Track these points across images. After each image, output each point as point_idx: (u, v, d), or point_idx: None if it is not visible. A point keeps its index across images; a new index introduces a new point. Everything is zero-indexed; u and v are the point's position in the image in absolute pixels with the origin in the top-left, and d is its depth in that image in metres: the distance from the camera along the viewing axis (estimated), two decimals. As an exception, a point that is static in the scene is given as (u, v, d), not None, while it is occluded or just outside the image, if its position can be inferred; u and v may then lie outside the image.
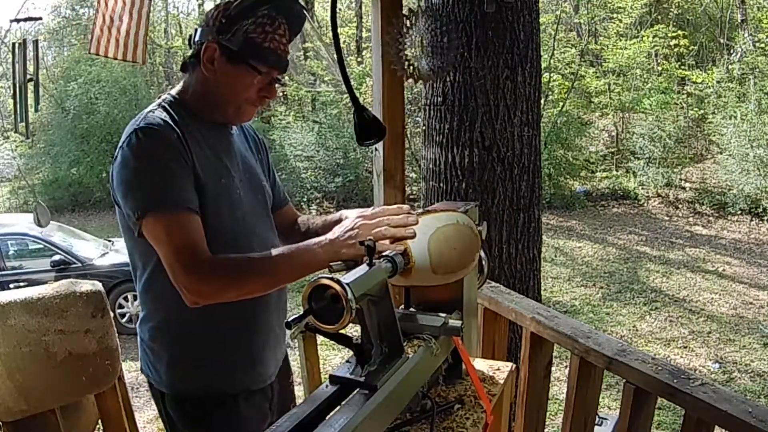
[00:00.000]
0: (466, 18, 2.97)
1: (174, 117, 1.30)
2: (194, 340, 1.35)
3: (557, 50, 13.35)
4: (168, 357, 1.36)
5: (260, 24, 1.30)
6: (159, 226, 1.19)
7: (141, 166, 1.21)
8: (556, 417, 4.21)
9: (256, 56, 1.30)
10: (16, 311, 1.56)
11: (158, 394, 1.40)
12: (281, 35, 1.32)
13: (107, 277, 6.51)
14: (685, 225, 11.03)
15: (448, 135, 3.10)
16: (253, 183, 1.44)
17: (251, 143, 1.53)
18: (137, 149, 1.21)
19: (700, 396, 1.40)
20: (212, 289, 1.19)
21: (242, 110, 1.37)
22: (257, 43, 1.29)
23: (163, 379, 1.37)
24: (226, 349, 1.37)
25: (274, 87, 1.37)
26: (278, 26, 1.32)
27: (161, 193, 1.20)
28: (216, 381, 1.37)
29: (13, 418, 1.56)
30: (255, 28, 1.29)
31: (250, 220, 1.38)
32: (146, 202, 1.19)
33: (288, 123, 13.57)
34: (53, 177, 14.94)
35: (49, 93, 14.70)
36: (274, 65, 1.33)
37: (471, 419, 1.24)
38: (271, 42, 1.30)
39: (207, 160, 1.31)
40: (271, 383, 1.48)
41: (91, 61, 14.87)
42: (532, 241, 3.21)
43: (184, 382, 1.37)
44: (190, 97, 1.35)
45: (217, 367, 1.37)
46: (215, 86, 1.33)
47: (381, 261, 1.11)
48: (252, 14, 1.29)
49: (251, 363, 1.41)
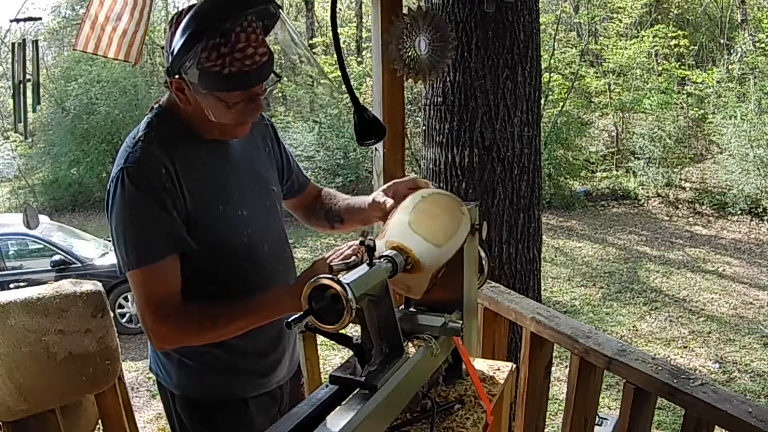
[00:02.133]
0: (466, 18, 2.97)
1: (165, 140, 1.22)
2: (206, 345, 1.32)
3: (557, 50, 13.36)
4: (179, 359, 1.35)
5: (213, 48, 1.10)
6: (137, 279, 1.22)
7: (126, 216, 1.20)
8: (556, 417, 4.21)
9: (220, 88, 1.14)
10: (16, 311, 1.56)
11: (168, 393, 1.39)
12: (244, 46, 1.11)
13: (107, 277, 6.49)
14: (685, 225, 11.03)
15: (448, 135, 3.10)
16: (260, 190, 1.38)
17: (257, 136, 1.43)
18: (122, 197, 1.19)
19: (700, 396, 1.40)
20: (178, 335, 1.24)
21: (231, 131, 1.26)
22: (216, 74, 1.11)
23: (174, 381, 1.37)
24: (238, 354, 1.35)
25: (259, 102, 1.21)
26: (237, 39, 1.10)
27: (142, 248, 1.20)
28: (228, 385, 1.37)
29: (13, 418, 1.56)
30: (208, 56, 1.10)
31: (257, 237, 1.34)
32: (128, 259, 1.21)
33: (288, 123, 13.59)
34: (53, 177, 14.94)
35: (49, 93, 14.70)
36: (245, 88, 1.16)
37: (471, 419, 1.24)
38: (231, 65, 1.11)
39: (202, 185, 1.25)
40: (281, 386, 1.47)
41: (91, 62, 14.88)
42: (532, 241, 3.21)
43: (196, 384, 1.36)
44: (179, 111, 1.25)
45: (229, 372, 1.36)
46: (195, 113, 1.22)
47: (381, 261, 1.11)
48: (199, 39, 1.09)
49: (263, 368, 1.40)
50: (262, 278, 1.34)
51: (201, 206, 1.25)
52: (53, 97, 14.90)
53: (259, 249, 1.34)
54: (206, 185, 1.26)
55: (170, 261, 1.22)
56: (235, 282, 1.31)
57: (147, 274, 1.20)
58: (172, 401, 1.39)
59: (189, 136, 1.26)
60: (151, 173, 1.19)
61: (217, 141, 1.30)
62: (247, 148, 1.39)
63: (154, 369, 1.43)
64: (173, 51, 1.12)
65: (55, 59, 18.14)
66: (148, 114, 1.28)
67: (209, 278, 1.29)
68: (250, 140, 1.40)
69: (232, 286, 1.30)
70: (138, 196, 1.19)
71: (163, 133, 1.24)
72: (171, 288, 1.23)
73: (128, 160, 1.20)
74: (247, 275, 1.33)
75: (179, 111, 1.25)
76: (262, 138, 1.45)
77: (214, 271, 1.29)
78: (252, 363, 1.38)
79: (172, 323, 1.22)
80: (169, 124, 1.26)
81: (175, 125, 1.26)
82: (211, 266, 1.28)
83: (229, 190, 1.30)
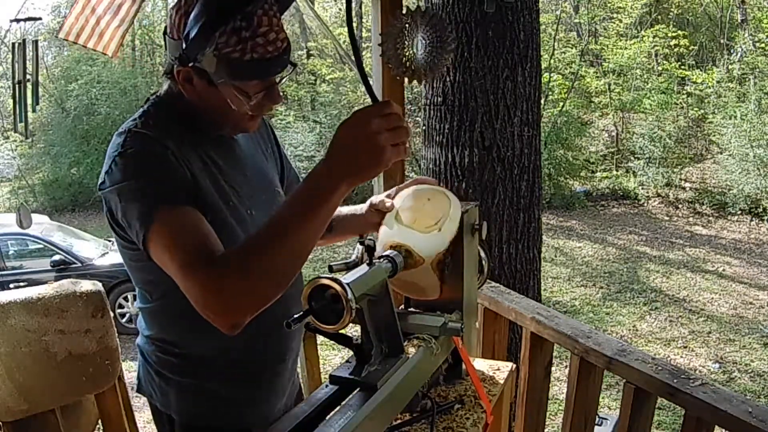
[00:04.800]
0: (466, 18, 2.97)
1: (162, 127, 1.09)
2: (210, 374, 1.22)
3: (557, 50, 13.37)
4: (178, 381, 1.24)
5: (233, 32, 0.99)
6: (163, 233, 1.00)
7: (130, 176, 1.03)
8: (556, 417, 4.21)
9: (239, 77, 1.04)
10: (16, 311, 1.56)
11: (165, 417, 1.27)
12: (266, 31, 1.02)
13: (107, 277, 6.51)
14: (685, 225, 11.03)
15: (448, 135, 3.10)
16: (267, 191, 1.27)
17: (260, 136, 1.33)
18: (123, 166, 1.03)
19: (700, 396, 1.40)
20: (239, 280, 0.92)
21: (242, 125, 1.16)
22: (236, 61, 1.01)
23: (172, 405, 1.25)
24: (242, 384, 1.25)
25: (277, 91, 1.10)
26: (259, 22, 1.01)
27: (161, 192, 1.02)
28: (230, 414, 1.27)
29: (13, 418, 1.56)
30: (227, 41, 1.00)
31: None
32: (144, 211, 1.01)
33: (288, 123, 13.59)
34: (53, 177, 14.96)
35: (49, 93, 14.72)
36: (266, 76, 1.07)
37: (471, 419, 1.24)
38: (253, 51, 1.01)
39: (206, 178, 1.11)
40: (285, 411, 1.35)
41: (92, 62, 14.91)
42: (532, 241, 3.21)
43: (196, 411, 1.26)
44: (182, 104, 1.13)
45: (232, 402, 1.26)
46: (202, 107, 1.11)
47: (381, 261, 1.11)
48: (218, 24, 0.99)
49: (266, 398, 1.31)
50: None
51: (205, 199, 1.09)
52: (53, 97, 14.92)
53: None
54: (210, 179, 1.12)
55: (192, 211, 1.02)
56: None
57: (172, 219, 0.99)
58: (170, 426, 1.28)
59: (190, 128, 1.13)
60: (158, 139, 1.05)
61: (222, 136, 1.19)
62: (252, 147, 1.29)
63: (146, 390, 1.29)
64: (187, 36, 1.01)
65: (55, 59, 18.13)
66: (143, 106, 1.16)
67: None
68: (254, 139, 1.32)
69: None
70: (141, 155, 1.03)
71: (160, 121, 1.11)
72: (206, 238, 0.99)
73: (123, 145, 1.05)
74: None
75: (179, 103, 1.13)
76: (264, 139, 1.36)
77: None
78: (256, 393, 1.28)
79: (221, 270, 0.92)
80: (166, 114, 1.13)
81: (174, 115, 1.13)
82: None
83: (236, 187, 1.17)
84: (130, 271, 1.18)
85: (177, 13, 1.05)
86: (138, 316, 1.31)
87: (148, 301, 1.20)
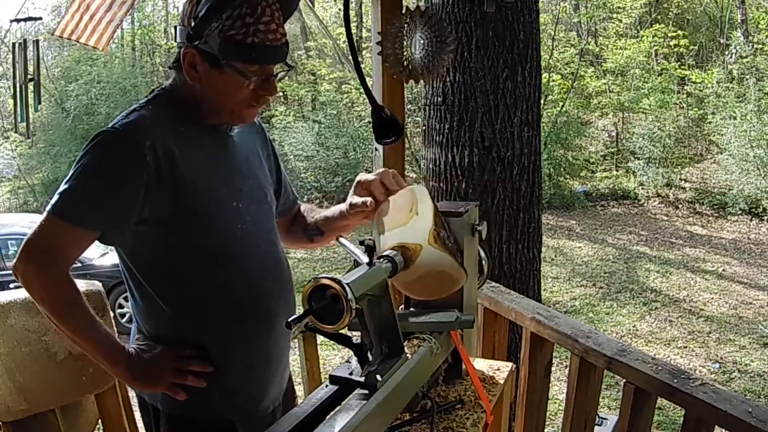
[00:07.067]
0: (466, 18, 2.97)
1: (161, 115, 1.19)
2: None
3: (557, 50, 13.37)
4: None
5: (238, 17, 1.10)
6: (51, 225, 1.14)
7: (86, 170, 1.14)
8: (556, 417, 4.21)
9: (240, 57, 1.13)
10: (16, 311, 1.56)
11: (150, 408, 1.30)
12: (268, 21, 1.12)
13: (107, 277, 6.49)
14: (685, 225, 11.04)
15: (448, 135, 3.10)
16: (257, 190, 1.32)
17: (257, 138, 1.39)
18: (94, 152, 1.14)
19: (700, 396, 1.40)
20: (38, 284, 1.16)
21: (239, 114, 1.22)
22: (238, 42, 1.11)
23: (158, 397, 1.28)
24: (229, 375, 1.27)
25: (273, 82, 1.19)
26: (262, 12, 1.12)
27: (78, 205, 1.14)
28: (216, 405, 1.28)
29: (13, 418, 1.56)
30: (232, 24, 1.10)
31: (250, 235, 1.26)
32: (59, 204, 1.13)
33: (288, 123, 13.59)
34: (53, 177, 14.92)
35: (49, 93, 14.70)
36: (265, 62, 1.16)
37: (471, 419, 1.24)
38: (255, 35, 1.11)
39: (197, 167, 1.19)
40: (273, 410, 1.37)
41: (92, 62, 14.91)
42: (532, 241, 3.21)
43: (180, 402, 1.26)
44: (182, 96, 1.22)
45: (219, 393, 1.27)
46: (203, 92, 1.18)
47: (381, 261, 1.11)
48: (225, 7, 1.10)
49: (254, 390, 1.31)
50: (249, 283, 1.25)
51: (193, 187, 1.18)
52: (53, 97, 14.90)
53: (251, 247, 1.26)
54: (201, 168, 1.20)
55: (88, 235, 1.15)
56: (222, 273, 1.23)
57: (63, 227, 1.13)
58: (155, 417, 1.30)
59: (189, 118, 1.22)
60: (134, 142, 1.14)
61: (219, 130, 1.26)
62: (248, 146, 1.34)
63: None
64: (197, 16, 1.12)
65: (55, 59, 18.11)
66: (147, 96, 1.25)
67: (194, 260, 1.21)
68: (252, 140, 1.36)
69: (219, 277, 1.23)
70: (107, 160, 1.14)
71: (161, 109, 1.20)
72: (69, 254, 1.17)
73: (117, 123, 1.16)
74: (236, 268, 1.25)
75: (183, 95, 1.21)
76: (262, 142, 1.41)
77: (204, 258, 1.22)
78: (243, 385, 1.29)
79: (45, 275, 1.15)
80: (168, 104, 1.22)
81: (175, 106, 1.22)
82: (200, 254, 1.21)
83: (225, 177, 1.25)
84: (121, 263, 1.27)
85: (189, 4, 1.16)
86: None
87: (132, 292, 1.28)
